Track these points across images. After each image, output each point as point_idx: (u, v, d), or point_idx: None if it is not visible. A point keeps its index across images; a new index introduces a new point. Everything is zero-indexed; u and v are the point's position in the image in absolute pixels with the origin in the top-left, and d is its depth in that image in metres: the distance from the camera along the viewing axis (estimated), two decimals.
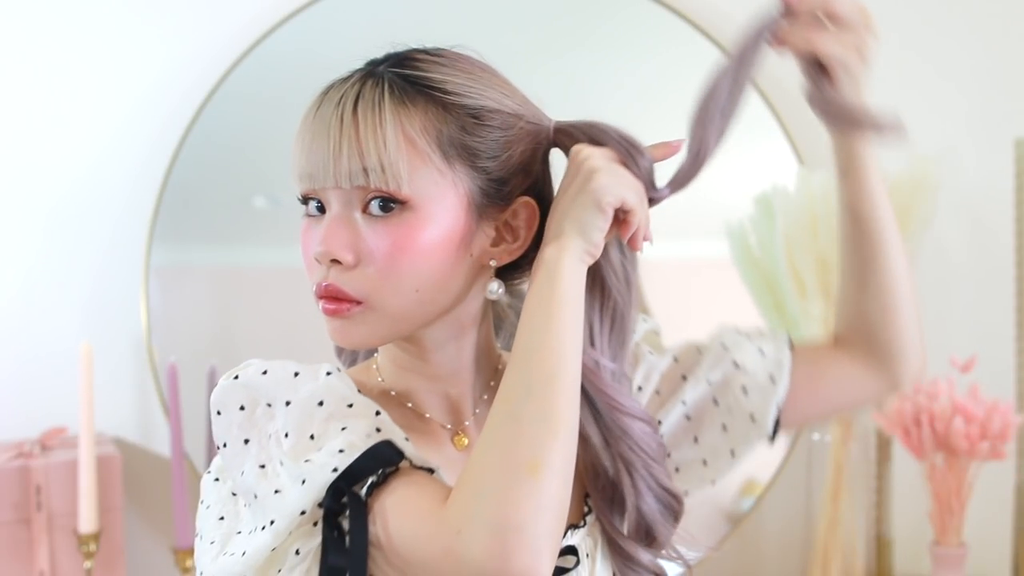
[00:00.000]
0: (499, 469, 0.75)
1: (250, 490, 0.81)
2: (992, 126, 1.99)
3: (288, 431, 0.81)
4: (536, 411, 0.78)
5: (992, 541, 1.95)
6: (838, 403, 1.06)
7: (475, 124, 0.85)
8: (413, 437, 0.89)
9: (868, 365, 1.02)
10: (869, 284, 0.99)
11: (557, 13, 1.95)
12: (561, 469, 0.77)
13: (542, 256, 0.85)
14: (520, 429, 0.77)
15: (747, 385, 1.00)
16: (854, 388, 1.03)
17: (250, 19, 1.82)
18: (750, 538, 2.02)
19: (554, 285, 0.83)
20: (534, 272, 0.85)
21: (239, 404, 0.83)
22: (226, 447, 0.83)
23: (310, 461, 0.79)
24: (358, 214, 0.84)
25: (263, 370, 0.83)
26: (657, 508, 0.92)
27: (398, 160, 0.82)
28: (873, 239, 0.98)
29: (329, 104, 0.84)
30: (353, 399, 0.83)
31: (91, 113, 1.79)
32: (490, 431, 0.78)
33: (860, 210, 0.98)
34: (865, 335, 1.01)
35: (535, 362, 0.80)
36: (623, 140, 0.88)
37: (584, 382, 0.88)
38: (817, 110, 0.95)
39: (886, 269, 0.99)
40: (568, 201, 0.85)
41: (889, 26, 2.06)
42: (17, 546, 1.58)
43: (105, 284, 1.80)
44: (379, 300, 0.84)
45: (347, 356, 1.03)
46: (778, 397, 1.00)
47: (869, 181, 0.97)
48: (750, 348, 1.02)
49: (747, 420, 1.01)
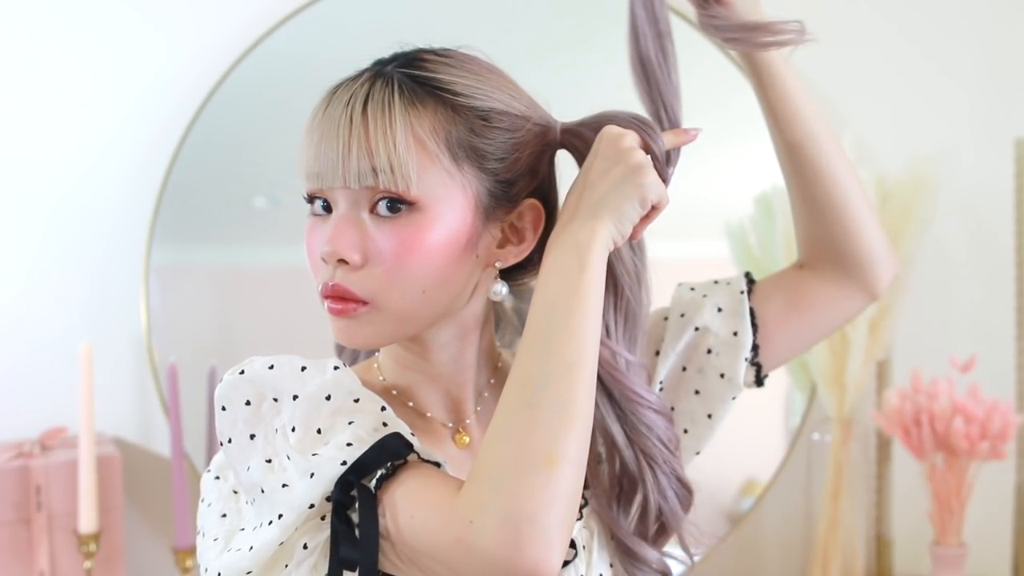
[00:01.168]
0: (514, 459, 0.75)
1: (256, 485, 0.81)
2: (992, 126, 1.99)
3: (295, 425, 0.81)
4: (555, 399, 0.77)
5: (992, 541, 1.95)
6: (820, 327, 1.04)
7: (484, 126, 0.85)
8: (415, 434, 0.89)
9: (840, 281, 1.01)
10: (817, 198, 0.98)
11: (558, 13, 1.95)
12: (576, 460, 0.76)
13: (571, 235, 0.83)
14: (537, 417, 0.76)
15: (712, 346, 1.00)
16: (833, 308, 1.02)
17: (250, 19, 1.82)
18: (750, 538, 2.02)
19: (584, 267, 0.81)
20: (556, 251, 0.83)
21: (245, 399, 0.82)
22: (231, 443, 0.82)
23: (318, 455, 0.79)
24: (365, 214, 0.84)
25: (269, 365, 0.83)
26: (675, 501, 0.92)
27: (407, 161, 0.82)
28: (807, 150, 0.97)
29: (338, 103, 0.84)
30: (359, 394, 0.83)
31: (91, 113, 1.79)
32: (505, 418, 0.77)
33: (786, 123, 0.96)
34: (829, 252, 1.00)
35: (555, 347, 0.79)
36: (639, 121, 0.88)
37: (602, 374, 0.89)
38: (715, 35, 0.94)
39: (829, 178, 0.97)
40: (608, 186, 0.84)
41: (890, 26, 2.07)
42: (17, 546, 1.58)
43: (105, 284, 1.80)
44: (385, 300, 0.84)
45: (348, 356, 1.03)
46: (744, 350, 1.00)
47: (788, 91, 0.96)
48: (707, 306, 1.01)
49: (718, 380, 1.00)
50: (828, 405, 1.90)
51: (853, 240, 0.99)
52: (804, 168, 0.97)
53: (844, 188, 0.97)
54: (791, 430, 2.03)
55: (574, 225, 0.84)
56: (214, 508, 0.88)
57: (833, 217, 0.98)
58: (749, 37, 0.92)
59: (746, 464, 2.03)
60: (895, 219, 1.85)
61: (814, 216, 0.99)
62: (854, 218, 0.98)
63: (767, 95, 0.96)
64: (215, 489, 0.89)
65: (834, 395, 1.88)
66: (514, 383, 0.79)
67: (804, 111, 0.96)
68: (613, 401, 0.91)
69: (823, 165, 0.97)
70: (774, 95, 0.96)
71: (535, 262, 0.92)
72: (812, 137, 0.96)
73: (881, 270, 1.01)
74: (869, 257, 1.00)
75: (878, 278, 1.01)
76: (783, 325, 1.01)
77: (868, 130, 1.98)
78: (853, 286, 1.01)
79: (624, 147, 0.85)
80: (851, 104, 1.99)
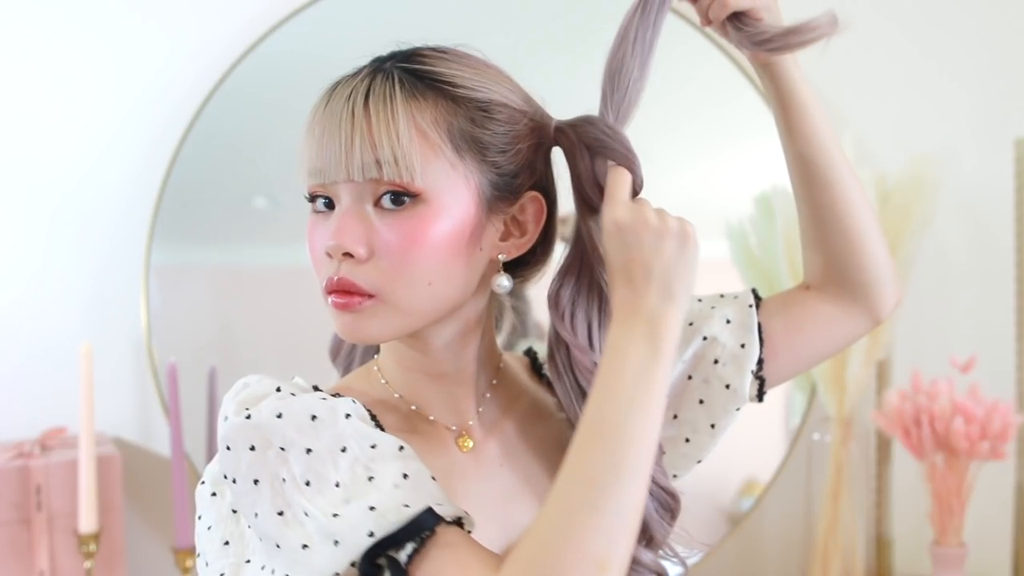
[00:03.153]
0: (568, 560, 0.72)
1: (270, 538, 0.79)
2: (992, 126, 2.00)
3: (309, 479, 0.78)
4: (620, 506, 0.74)
5: (992, 541, 1.95)
6: (823, 347, 1.03)
7: (484, 117, 0.86)
8: (417, 441, 0.88)
9: (845, 303, 1.01)
10: (828, 216, 0.98)
11: (557, 13, 1.95)
12: (623, 565, 0.75)
13: (643, 320, 0.79)
14: (600, 524, 0.73)
15: (719, 356, 1.00)
16: (836, 330, 1.01)
17: (250, 19, 1.83)
18: (750, 538, 2.02)
19: (658, 358, 0.78)
20: (627, 334, 0.79)
21: (249, 444, 0.79)
22: (235, 483, 0.80)
23: (339, 516, 0.77)
24: (370, 208, 0.83)
25: (277, 413, 0.80)
26: (654, 507, 0.92)
27: (411, 152, 0.82)
28: (821, 167, 0.96)
29: (339, 99, 0.84)
30: (376, 439, 0.81)
31: (92, 113, 1.79)
32: (563, 515, 0.74)
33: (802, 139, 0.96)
34: (835, 273, 1.00)
35: (627, 447, 0.75)
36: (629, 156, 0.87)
37: (581, 380, 0.88)
38: (758, 48, 0.93)
39: (841, 197, 0.97)
40: (667, 262, 0.81)
41: (891, 25, 2.07)
42: (17, 546, 1.58)
43: (105, 284, 1.80)
44: (391, 293, 0.83)
45: (343, 359, 1.03)
46: (751, 362, 0.99)
47: (807, 108, 0.95)
48: (716, 317, 1.01)
49: (723, 390, 1.00)
50: (828, 405, 1.91)
51: (860, 261, 0.99)
52: (817, 185, 0.97)
53: (855, 208, 0.98)
54: (791, 430, 2.03)
55: (644, 307, 0.80)
56: (215, 533, 0.87)
57: (842, 236, 0.98)
58: (789, 40, 0.92)
59: (746, 464, 2.03)
60: (895, 219, 1.85)
61: (823, 234, 0.99)
62: (863, 239, 0.98)
63: (786, 110, 0.96)
64: (213, 508, 0.88)
65: (834, 395, 1.89)
66: (577, 477, 0.76)
67: (821, 128, 0.96)
68: None
69: (836, 183, 0.97)
70: (793, 110, 0.96)
71: (537, 255, 0.93)
72: (827, 155, 0.96)
73: (886, 294, 1.01)
74: (875, 280, 1.00)
75: (882, 302, 1.01)
76: (787, 343, 1.01)
77: (868, 130, 1.98)
78: (857, 308, 1.01)
79: (657, 222, 0.83)
80: (851, 104, 1.99)
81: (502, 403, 0.96)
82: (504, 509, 0.91)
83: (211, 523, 0.87)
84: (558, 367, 0.91)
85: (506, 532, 0.89)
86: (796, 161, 0.97)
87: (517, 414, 0.96)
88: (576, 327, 0.89)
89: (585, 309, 0.89)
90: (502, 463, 0.93)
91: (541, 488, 0.93)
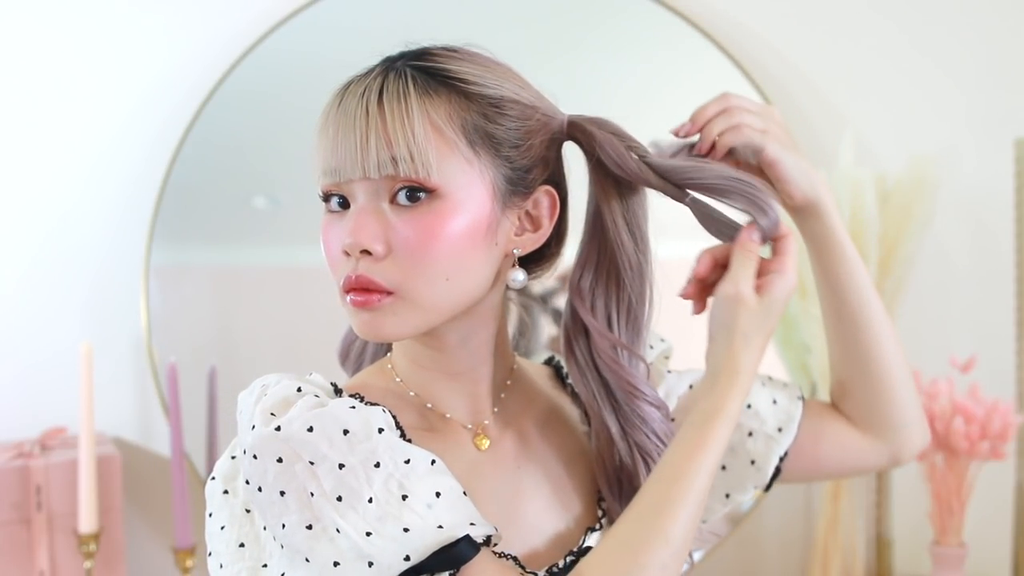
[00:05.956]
0: None
1: (298, 551, 0.79)
2: (992, 126, 2.00)
3: (342, 494, 0.78)
4: (666, 560, 0.80)
5: (992, 541, 1.95)
6: (838, 466, 1.05)
7: (496, 113, 0.86)
8: (435, 439, 0.89)
9: (867, 435, 1.03)
10: (858, 362, 1.00)
11: (557, 12, 1.95)
12: None
13: (738, 367, 0.87)
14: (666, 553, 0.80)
15: (755, 430, 1.01)
16: (853, 455, 1.03)
17: (250, 19, 1.83)
18: (750, 538, 2.02)
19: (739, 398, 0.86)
20: (722, 380, 0.87)
21: (276, 456, 0.79)
22: (260, 491, 0.80)
23: (372, 536, 0.77)
24: (386, 205, 0.84)
25: (308, 426, 0.79)
26: None
27: (427, 148, 0.82)
28: (855, 315, 0.98)
29: (352, 97, 0.84)
30: (409, 453, 0.81)
31: (91, 113, 1.79)
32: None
33: (840, 286, 0.98)
34: (863, 412, 1.02)
35: (684, 508, 0.83)
36: (757, 203, 0.92)
37: (600, 364, 0.90)
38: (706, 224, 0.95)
39: (874, 345, 0.99)
40: (772, 331, 0.88)
41: (891, 26, 2.07)
42: (17, 546, 1.58)
43: (105, 284, 1.80)
44: (410, 290, 0.83)
45: (353, 361, 1.03)
46: (782, 448, 1.01)
47: (845, 253, 0.97)
48: (763, 394, 1.02)
49: (748, 465, 1.02)
50: None
51: (888, 405, 1.01)
52: (851, 327, 0.99)
53: (886, 354, 0.99)
54: None
55: (740, 366, 0.87)
56: (228, 532, 0.87)
57: (872, 379, 1.00)
58: (722, 230, 0.96)
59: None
60: (895, 219, 1.85)
61: (853, 374, 1.01)
62: (892, 384, 1.00)
63: (821, 253, 0.98)
64: (225, 506, 0.87)
65: None
66: (633, 535, 0.82)
67: (857, 272, 0.98)
68: (610, 392, 0.92)
69: (869, 326, 0.99)
70: (828, 254, 0.97)
71: (551, 250, 0.94)
72: (861, 298, 0.98)
73: (913, 436, 1.03)
74: (900, 423, 1.01)
75: (906, 444, 1.03)
76: (810, 446, 1.03)
77: (868, 130, 1.98)
78: (879, 442, 1.03)
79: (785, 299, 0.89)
80: (851, 104, 1.99)
81: (518, 404, 0.96)
82: (520, 509, 0.91)
83: (224, 522, 0.87)
84: (578, 360, 0.92)
85: (520, 533, 0.89)
86: (830, 302, 0.99)
87: (533, 416, 0.97)
88: (597, 314, 0.91)
89: (604, 299, 0.91)
90: (518, 463, 0.93)
91: (556, 490, 0.93)
